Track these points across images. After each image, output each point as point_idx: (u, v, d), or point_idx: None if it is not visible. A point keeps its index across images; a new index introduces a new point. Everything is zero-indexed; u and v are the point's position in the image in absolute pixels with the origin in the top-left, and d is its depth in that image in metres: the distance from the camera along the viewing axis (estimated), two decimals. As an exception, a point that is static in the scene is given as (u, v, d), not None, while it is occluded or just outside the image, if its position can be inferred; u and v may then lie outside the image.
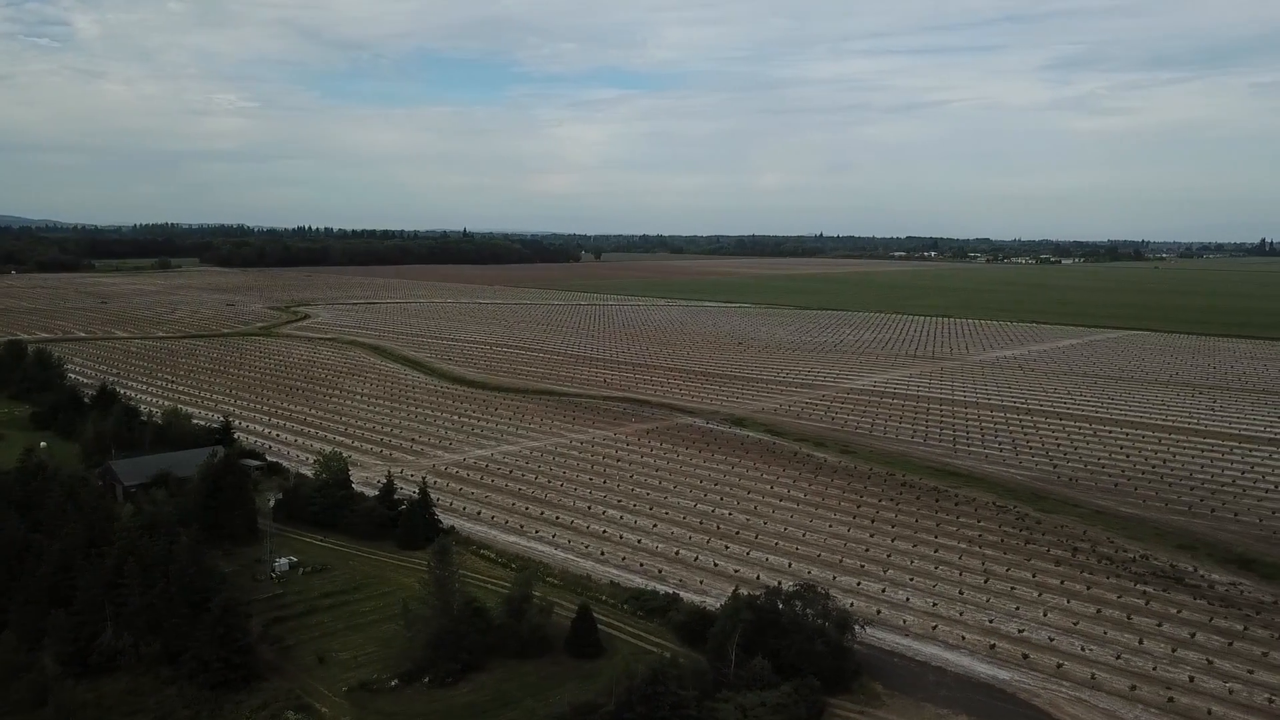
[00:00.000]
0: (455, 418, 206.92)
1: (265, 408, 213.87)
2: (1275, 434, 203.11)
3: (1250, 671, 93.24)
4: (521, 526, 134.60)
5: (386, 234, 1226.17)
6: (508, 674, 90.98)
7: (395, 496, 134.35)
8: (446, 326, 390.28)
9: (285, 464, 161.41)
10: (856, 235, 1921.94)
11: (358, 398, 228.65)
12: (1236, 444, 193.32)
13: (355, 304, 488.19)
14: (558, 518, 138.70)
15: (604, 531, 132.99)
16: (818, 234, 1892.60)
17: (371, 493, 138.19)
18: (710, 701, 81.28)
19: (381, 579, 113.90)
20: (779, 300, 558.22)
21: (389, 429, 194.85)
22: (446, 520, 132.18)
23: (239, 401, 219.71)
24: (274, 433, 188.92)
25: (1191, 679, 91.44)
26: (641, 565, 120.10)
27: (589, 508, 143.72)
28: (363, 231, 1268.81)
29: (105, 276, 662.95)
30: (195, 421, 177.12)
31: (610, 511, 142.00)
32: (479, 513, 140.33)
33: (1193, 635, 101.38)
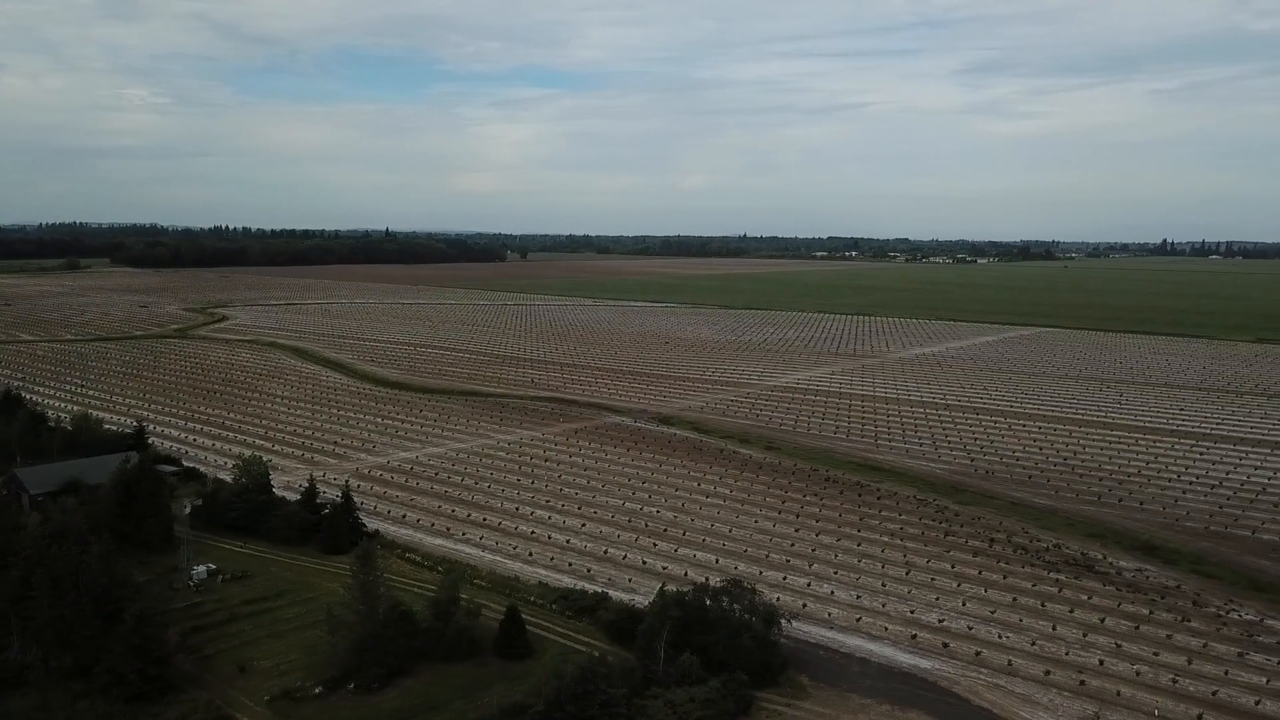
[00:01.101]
0: (379, 420, 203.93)
1: (181, 412, 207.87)
2: (1177, 426, 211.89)
3: (1155, 654, 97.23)
4: (448, 529, 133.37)
5: (307, 234, 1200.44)
6: (435, 678, 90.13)
7: (318, 501, 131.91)
8: (369, 327, 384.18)
9: (203, 469, 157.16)
10: (780, 235, 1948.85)
11: (278, 400, 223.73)
12: (1141, 435, 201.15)
13: (275, 305, 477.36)
14: (485, 519, 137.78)
15: (532, 532, 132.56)
16: (742, 234, 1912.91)
17: (293, 497, 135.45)
18: (639, 699, 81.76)
19: (304, 585, 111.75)
20: (705, 300, 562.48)
21: (311, 432, 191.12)
22: (371, 524, 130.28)
23: (153, 406, 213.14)
24: (191, 437, 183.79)
25: (1101, 662, 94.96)
26: (570, 565, 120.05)
27: (516, 509, 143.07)
28: (282, 231, 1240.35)
29: (8, 277, 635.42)
30: (107, 427, 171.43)
31: (538, 512, 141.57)
32: (404, 516, 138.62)
33: (1102, 620, 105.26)
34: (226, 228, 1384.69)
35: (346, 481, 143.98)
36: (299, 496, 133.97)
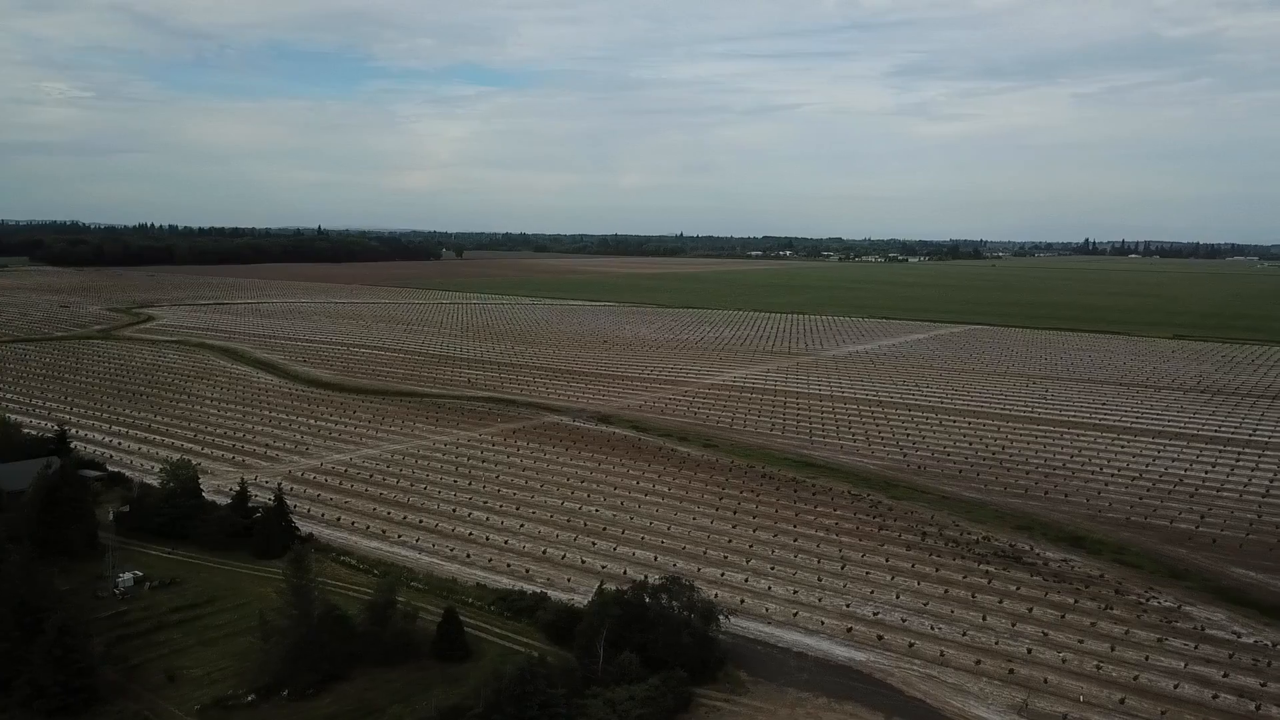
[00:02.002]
0: (312, 421, 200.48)
1: (105, 415, 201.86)
2: (1099, 420, 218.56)
3: (1080, 641, 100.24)
4: (384, 531, 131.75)
5: (237, 232, 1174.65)
6: (372, 682, 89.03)
7: (249, 504, 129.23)
8: (301, 327, 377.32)
9: (129, 473, 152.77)
10: (716, 235, 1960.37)
11: (207, 402, 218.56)
12: (1066, 430, 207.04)
13: (204, 305, 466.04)
14: (421, 521, 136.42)
15: (469, 533, 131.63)
16: (679, 233, 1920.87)
17: (224, 501, 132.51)
18: (579, 698, 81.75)
19: (236, 590, 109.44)
20: (643, 299, 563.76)
21: (241, 434, 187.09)
22: (305, 527, 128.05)
23: (76, 409, 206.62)
24: (116, 441, 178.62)
25: (1029, 651, 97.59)
26: (508, 566, 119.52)
27: (454, 510, 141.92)
28: (211, 229, 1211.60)
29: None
30: (26, 431, 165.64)
31: (476, 513, 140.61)
32: (339, 519, 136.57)
33: (1030, 610, 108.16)
34: (152, 225, 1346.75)
35: (279, 484, 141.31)
36: (230, 500, 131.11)
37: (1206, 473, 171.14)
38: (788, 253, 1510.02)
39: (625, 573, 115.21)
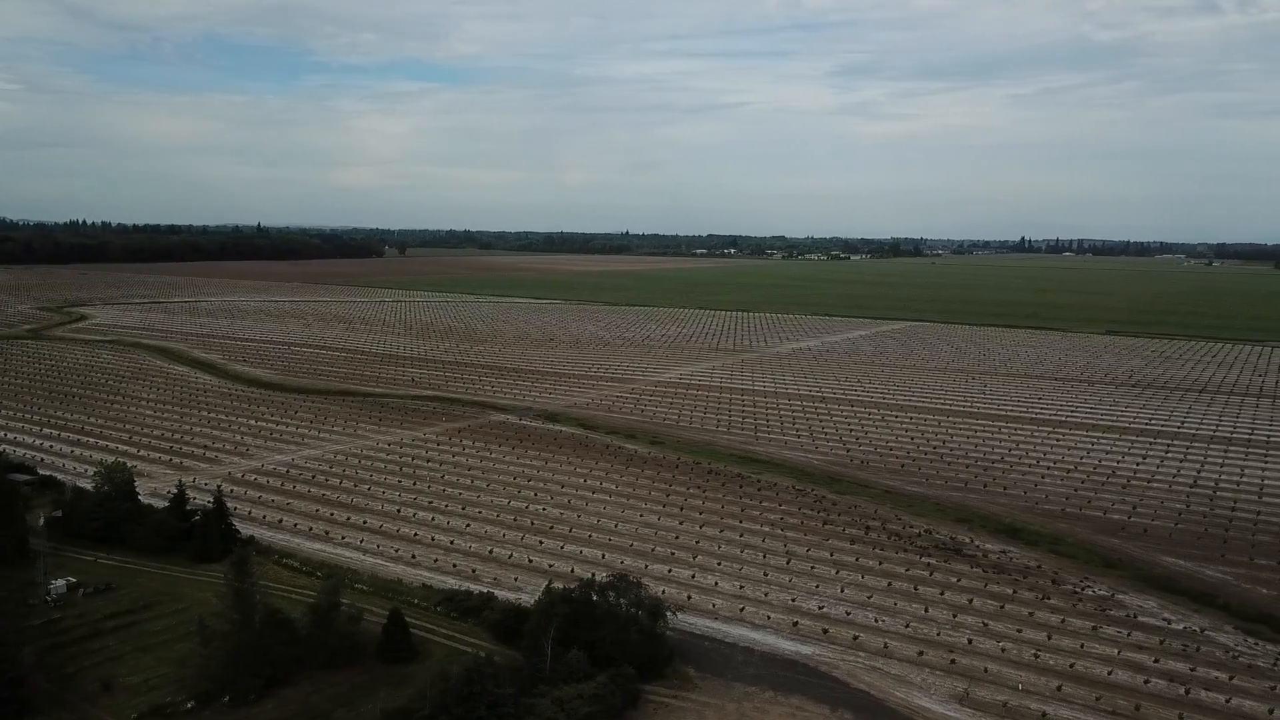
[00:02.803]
0: (252, 422, 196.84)
1: (36, 417, 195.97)
2: (1035, 414, 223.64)
3: (1019, 631, 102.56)
4: (327, 533, 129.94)
5: (173, 229, 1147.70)
6: (316, 686, 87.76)
7: (188, 507, 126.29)
8: (241, 326, 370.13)
9: (61, 477, 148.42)
10: (661, 233, 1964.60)
11: (143, 404, 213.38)
12: (1004, 424, 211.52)
13: (139, 303, 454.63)
14: (365, 522, 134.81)
15: (415, 534, 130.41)
16: (624, 231, 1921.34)
17: (161, 504, 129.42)
18: (527, 698, 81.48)
19: (174, 595, 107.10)
20: (589, 296, 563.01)
21: (179, 436, 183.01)
22: (245, 530, 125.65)
23: (4, 411, 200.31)
24: (47, 444, 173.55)
25: (970, 641, 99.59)
26: (455, 566, 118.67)
27: (398, 510, 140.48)
28: (147, 226, 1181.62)
29: None
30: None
31: (421, 513, 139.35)
32: (280, 521, 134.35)
33: (970, 601, 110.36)
34: (84, 222, 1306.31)
35: (218, 486, 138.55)
36: (167, 503, 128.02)
37: (1138, 465, 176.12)
38: (732, 251, 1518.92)
39: (573, 571, 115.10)
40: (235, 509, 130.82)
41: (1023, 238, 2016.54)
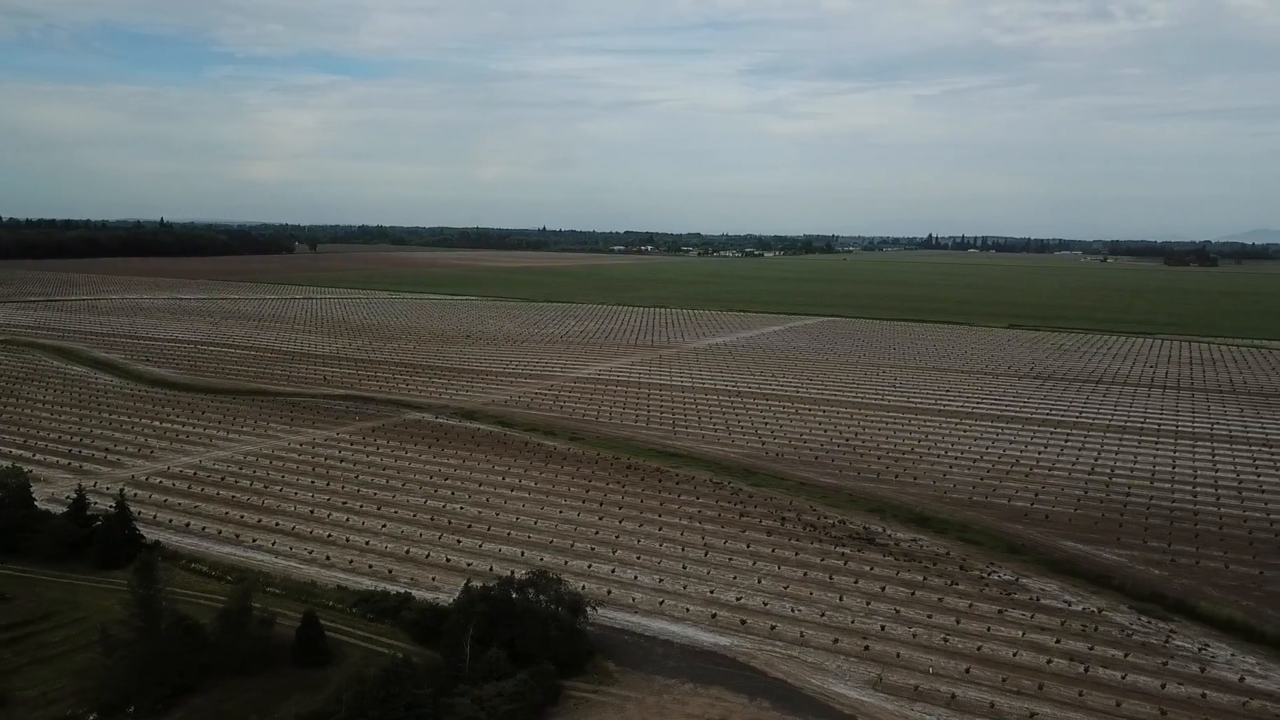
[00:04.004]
0: (156, 423, 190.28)
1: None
2: (943, 406, 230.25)
3: (929, 616, 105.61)
4: (237, 536, 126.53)
5: (70, 224, 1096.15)
6: (227, 693, 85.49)
7: (88, 512, 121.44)
8: (144, 325, 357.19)
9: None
10: (579, 229, 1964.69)
11: (39, 405, 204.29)
12: (913, 416, 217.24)
13: (33, 301, 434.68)
14: (277, 524, 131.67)
15: (328, 535, 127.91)
16: (541, 227, 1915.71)
17: (59, 509, 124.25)
18: (446, 698, 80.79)
19: (74, 604, 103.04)
20: (506, 293, 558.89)
21: (79, 439, 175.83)
22: (151, 534, 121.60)
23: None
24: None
25: (883, 628, 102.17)
26: (370, 567, 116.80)
27: (311, 511, 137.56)
28: (40, 221, 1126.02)
29: None
30: None
31: (335, 514, 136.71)
32: (188, 524, 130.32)
33: (883, 589, 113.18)
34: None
35: (121, 490, 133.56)
36: (66, 509, 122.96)
37: (1040, 453, 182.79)
38: (649, 248, 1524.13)
39: (492, 569, 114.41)
40: (139, 513, 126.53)
41: (930, 235, 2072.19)
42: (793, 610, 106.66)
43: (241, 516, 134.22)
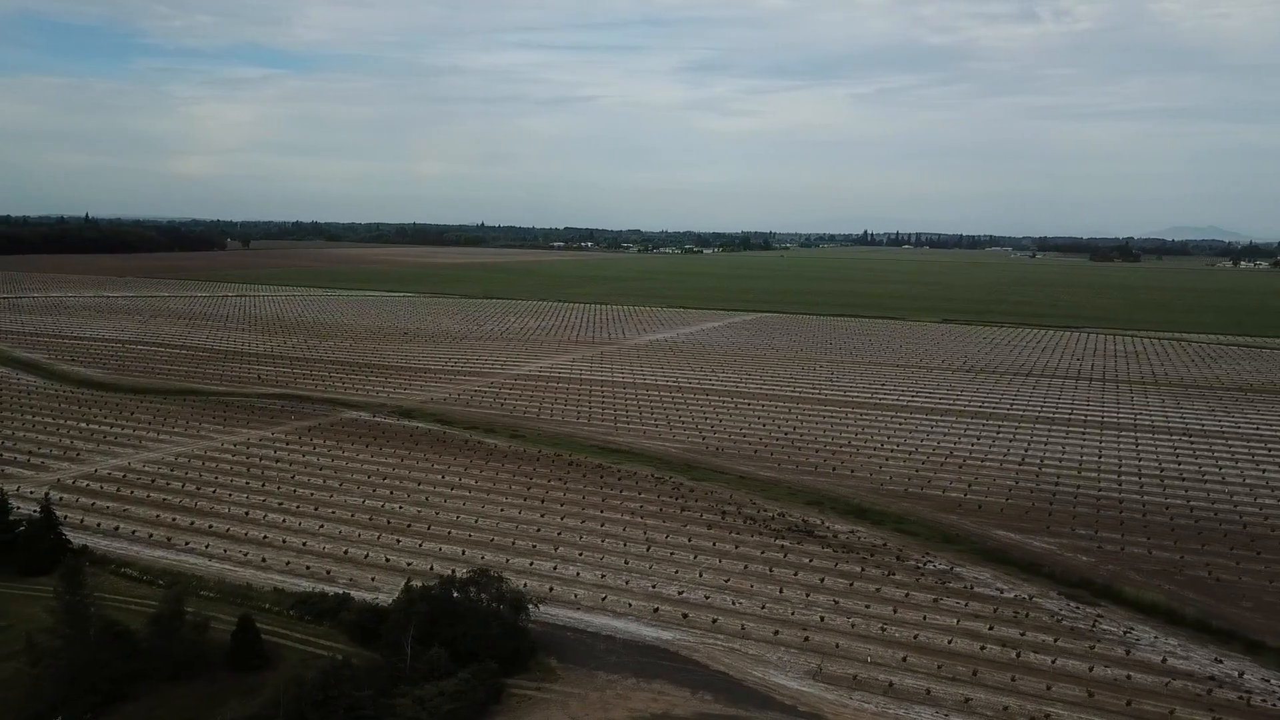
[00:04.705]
0: (83, 425, 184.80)
1: None
2: (879, 399, 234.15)
3: (867, 606, 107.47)
4: (169, 539, 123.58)
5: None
6: (159, 700, 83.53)
7: (11, 518, 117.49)
8: (68, 324, 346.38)
9: None
10: (518, 225, 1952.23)
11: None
12: (850, 409, 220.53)
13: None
14: (210, 526, 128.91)
15: (264, 537, 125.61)
16: (480, 223, 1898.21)
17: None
18: (387, 699, 80.00)
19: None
20: (444, 289, 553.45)
21: (0, 441, 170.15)
22: (78, 539, 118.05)
23: None
24: None
25: (822, 619, 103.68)
26: (308, 568, 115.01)
27: (246, 513, 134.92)
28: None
29: None
30: None
31: (271, 515, 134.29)
32: (117, 528, 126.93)
33: (822, 580, 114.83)
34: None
35: (46, 494, 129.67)
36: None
37: (973, 445, 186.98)
38: (589, 244, 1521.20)
39: (432, 568, 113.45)
40: (66, 517, 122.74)
41: (865, 231, 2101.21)
42: (734, 603, 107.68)
43: (173, 519, 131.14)
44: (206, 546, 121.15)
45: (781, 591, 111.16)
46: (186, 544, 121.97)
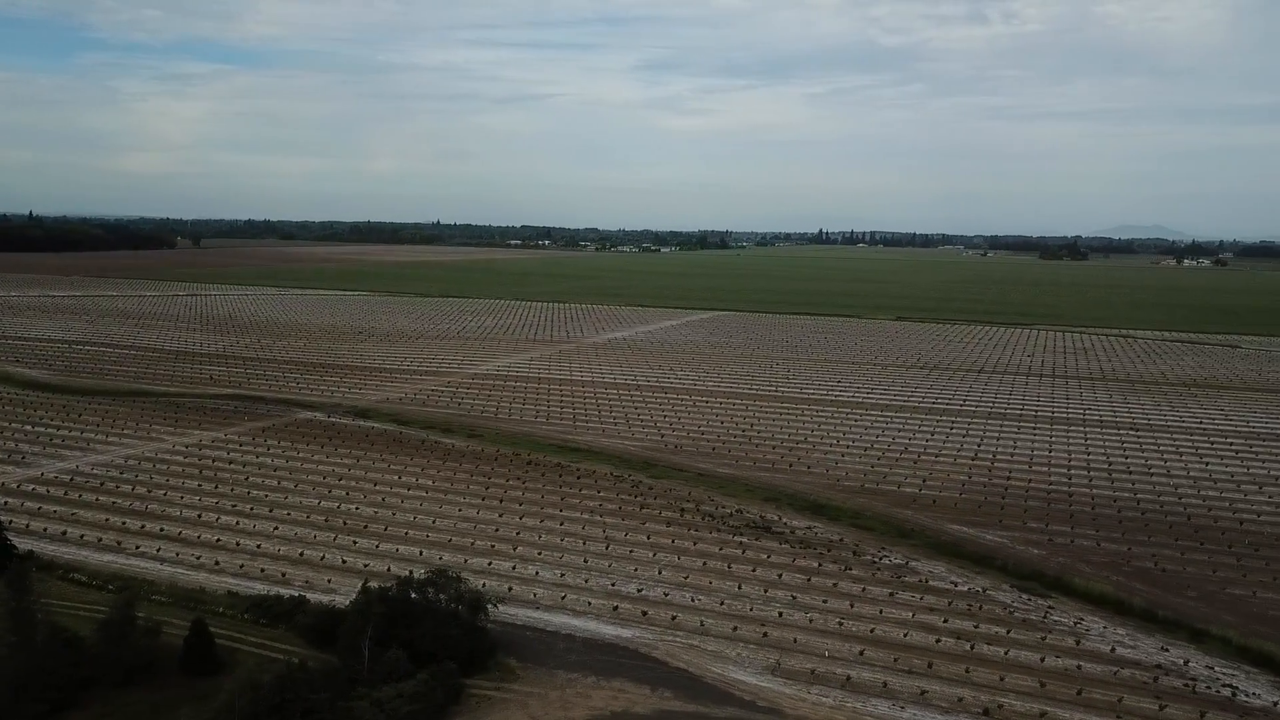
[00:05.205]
0: (28, 428, 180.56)
1: None
2: (835, 396, 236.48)
3: (824, 601, 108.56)
4: (119, 543, 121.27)
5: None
6: (110, 707, 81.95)
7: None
8: (12, 323, 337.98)
9: None
10: (474, 223, 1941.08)
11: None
12: (807, 406, 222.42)
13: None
14: (162, 529, 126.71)
15: (217, 540, 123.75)
16: (435, 221, 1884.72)
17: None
18: (345, 701, 79.27)
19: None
20: (400, 288, 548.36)
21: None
22: (23, 544, 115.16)
23: None
24: None
25: (780, 614, 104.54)
26: (262, 571, 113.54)
27: (199, 516, 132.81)
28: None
29: None
30: None
31: (224, 518, 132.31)
32: (64, 533, 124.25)
33: (780, 576, 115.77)
34: None
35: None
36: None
37: (927, 441, 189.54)
38: (546, 242, 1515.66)
39: (390, 570, 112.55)
40: (11, 522, 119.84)
41: (820, 229, 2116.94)
42: (693, 600, 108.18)
43: (123, 523, 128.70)
44: (158, 550, 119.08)
45: (740, 588, 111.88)
46: (137, 548, 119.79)
